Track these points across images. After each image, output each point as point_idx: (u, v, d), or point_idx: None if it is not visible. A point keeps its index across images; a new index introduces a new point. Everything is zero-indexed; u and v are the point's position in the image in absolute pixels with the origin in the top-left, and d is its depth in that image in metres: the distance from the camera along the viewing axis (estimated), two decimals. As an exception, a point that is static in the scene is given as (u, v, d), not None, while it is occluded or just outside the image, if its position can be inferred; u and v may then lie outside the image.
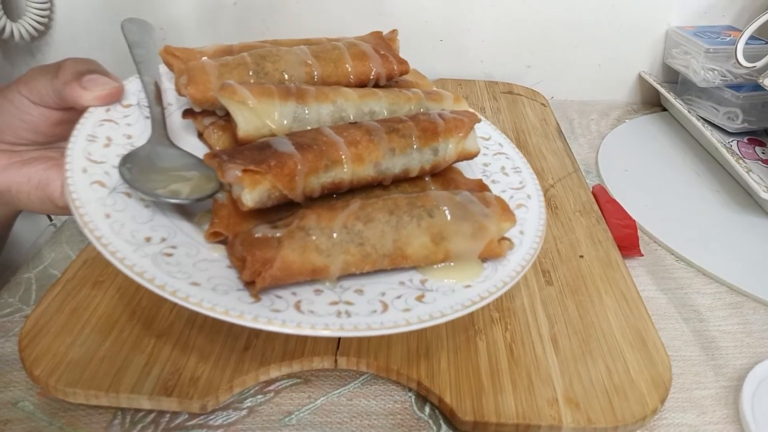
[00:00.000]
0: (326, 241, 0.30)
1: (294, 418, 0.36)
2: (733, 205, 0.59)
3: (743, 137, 0.68)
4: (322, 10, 0.78)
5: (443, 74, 0.82)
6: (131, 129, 0.38)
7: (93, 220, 0.30)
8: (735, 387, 0.40)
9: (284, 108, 0.36)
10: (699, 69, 0.70)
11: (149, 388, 0.35)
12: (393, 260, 0.32)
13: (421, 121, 0.37)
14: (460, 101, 0.43)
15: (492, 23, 0.79)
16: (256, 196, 0.31)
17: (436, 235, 0.32)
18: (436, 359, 0.38)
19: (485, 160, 0.44)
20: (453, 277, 0.33)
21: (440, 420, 0.36)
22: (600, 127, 0.74)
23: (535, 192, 0.41)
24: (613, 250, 0.49)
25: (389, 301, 0.31)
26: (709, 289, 0.49)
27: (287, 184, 0.32)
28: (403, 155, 0.36)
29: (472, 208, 0.33)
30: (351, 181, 0.35)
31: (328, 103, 0.38)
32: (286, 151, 0.32)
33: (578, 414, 0.35)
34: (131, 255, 0.29)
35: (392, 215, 0.32)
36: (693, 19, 0.78)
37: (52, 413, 0.36)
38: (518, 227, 0.37)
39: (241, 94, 0.35)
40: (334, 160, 0.33)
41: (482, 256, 0.34)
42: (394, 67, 0.43)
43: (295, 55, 0.41)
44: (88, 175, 0.33)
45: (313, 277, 0.31)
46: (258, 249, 0.29)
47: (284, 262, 0.29)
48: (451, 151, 0.38)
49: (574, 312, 0.43)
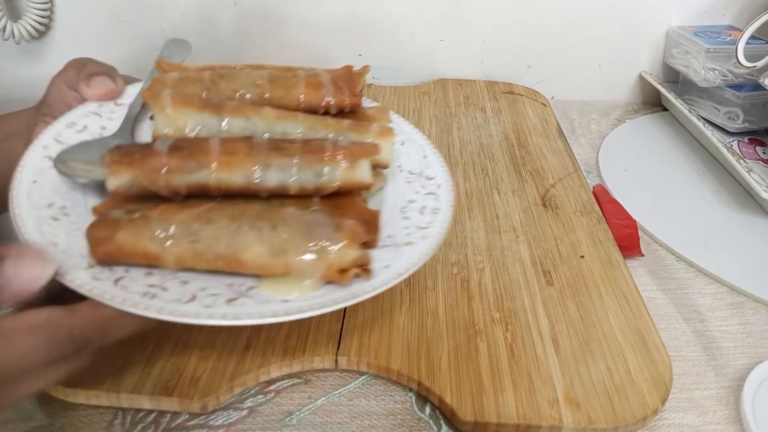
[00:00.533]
0: (161, 232, 0.33)
1: (294, 418, 0.36)
2: (734, 205, 0.59)
3: (744, 137, 0.68)
4: (322, 11, 0.78)
5: (443, 74, 0.82)
6: (110, 123, 0.44)
7: (17, 189, 0.37)
8: (736, 387, 0.40)
9: (198, 117, 0.40)
10: (699, 69, 0.70)
11: (150, 388, 0.35)
12: (228, 263, 0.34)
13: (311, 144, 0.39)
14: (385, 135, 0.43)
15: (492, 23, 0.79)
16: (117, 182, 0.36)
17: (275, 248, 0.34)
18: (437, 359, 0.38)
19: (413, 197, 0.43)
20: (281, 290, 0.34)
21: (441, 420, 0.36)
22: (600, 127, 0.74)
23: (436, 236, 0.39)
24: (613, 250, 0.49)
25: (200, 294, 0.33)
26: (709, 290, 0.49)
27: (148, 176, 0.36)
28: (280, 171, 0.38)
29: (317, 229, 0.34)
30: (218, 186, 0.37)
31: (242, 118, 0.41)
32: (158, 150, 0.36)
33: (579, 414, 0.35)
34: (26, 209, 0.35)
35: (234, 222, 0.34)
36: (693, 18, 0.78)
37: (52, 413, 0.36)
38: (386, 263, 0.36)
39: (162, 101, 0.40)
40: (201, 163, 0.37)
41: (325, 279, 0.34)
42: (345, 99, 0.45)
43: (250, 77, 0.44)
44: (45, 150, 0.40)
45: (147, 261, 0.34)
46: (98, 227, 0.34)
47: (117, 243, 0.33)
48: (337, 177, 0.38)
49: (575, 312, 0.43)
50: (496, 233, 0.51)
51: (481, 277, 0.46)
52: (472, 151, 0.63)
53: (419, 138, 0.48)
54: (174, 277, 0.34)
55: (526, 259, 0.48)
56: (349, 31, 0.80)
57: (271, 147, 0.38)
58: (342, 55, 0.81)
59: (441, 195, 0.42)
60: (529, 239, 0.50)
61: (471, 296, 0.44)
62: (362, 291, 0.34)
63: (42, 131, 0.41)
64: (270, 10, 0.78)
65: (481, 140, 0.66)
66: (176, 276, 0.34)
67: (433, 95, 0.76)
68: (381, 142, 0.42)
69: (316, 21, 0.79)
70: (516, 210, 0.54)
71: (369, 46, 0.81)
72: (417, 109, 0.72)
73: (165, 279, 0.34)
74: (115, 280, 0.33)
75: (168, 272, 0.34)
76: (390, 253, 0.37)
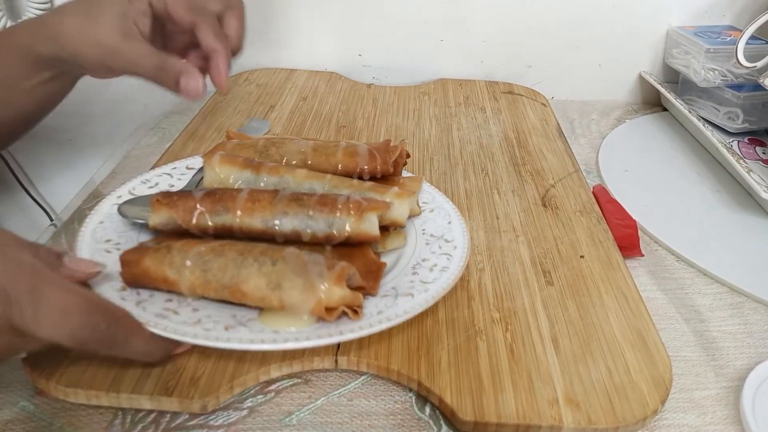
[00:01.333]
0: (179, 261, 0.38)
1: (294, 418, 0.36)
2: (733, 205, 0.59)
3: (744, 137, 0.68)
4: (322, 11, 0.78)
5: (444, 74, 0.82)
6: (178, 182, 0.51)
7: (86, 226, 0.44)
8: (736, 387, 0.40)
9: (239, 174, 0.47)
10: (699, 69, 0.70)
11: (150, 388, 0.35)
12: (232, 293, 0.37)
13: (326, 197, 0.43)
14: (402, 196, 0.45)
15: (492, 23, 0.79)
16: (157, 219, 0.42)
17: (272, 282, 0.36)
18: (437, 359, 0.38)
19: (428, 256, 0.44)
20: (275, 323, 0.37)
21: (441, 420, 0.36)
22: (600, 127, 0.74)
23: (436, 290, 0.40)
24: (613, 251, 0.49)
25: (204, 320, 0.37)
26: (709, 290, 0.49)
27: (182, 216, 0.42)
28: (296, 219, 0.42)
29: (311, 267, 0.37)
30: (240, 228, 0.42)
31: (276, 176, 0.46)
32: (194, 195, 0.42)
33: (579, 414, 0.35)
34: (87, 243, 0.42)
35: (240, 256, 0.38)
36: (693, 18, 0.78)
37: (52, 413, 0.36)
38: (380, 309, 0.38)
39: (212, 160, 0.47)
40: (228, 208, 0.42)
41: (315, 314, 0.36)
42: (377, 166, 0.49)
43: (297, 145, 0.50)
44: (118, 199, 0.47)
45: (167, 286, 0.38)
46: (129, 252, 0.39)
47: (143, 267, 0.38)
48: (346, 228, 0.42)
49: (575, 312, 0.43)
50: (496, 233, 0.51)
51: (481, 277, 0.46)
52: (472, 151, 0.63)
53: (448, 207, 0.50)
54: (188, 304, 0.38)
55: (525, 259, 0.48)
56: (349, 31, 0.80)
57: (291, 198, 0.42)
58: (342, 55, 0.81)
59: (454, 256, 0.44)
60: (529, 239, 0.50)
61: (471, 296, 0.44)
62: (348, 330, 0.36)
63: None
64: (270, 10, 0.78)
65: (481, 140, 0.66)
66: (190, 303, 0.38)
67: (433, 95, 0.76)
68: (397, 201, 0.45)
69: (317, 21, 0.79)
70: (516, 210, 0.54)
71: (369, 46, 0.81)
72: (417, 109, 0.72)
73: (180, 305, 0.38)
74: (138, 302, 0.37)
75: (184, 299, 0.38)
76: (388, 301, 0.39)
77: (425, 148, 0.64)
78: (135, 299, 0.38)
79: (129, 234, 0.44)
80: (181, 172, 0.52)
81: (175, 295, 0.38)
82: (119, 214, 0.45)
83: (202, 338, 0.35)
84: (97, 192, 0.57)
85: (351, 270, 0.38)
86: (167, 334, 0.35)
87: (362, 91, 0.76)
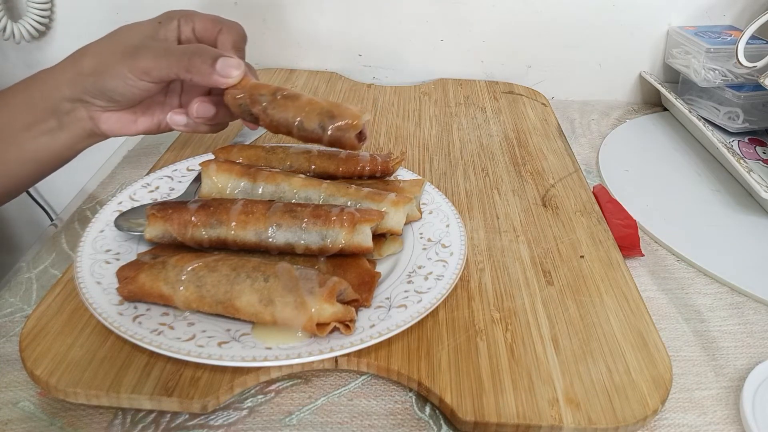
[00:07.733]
0: (174, 276, 0.38)
1: (294, 418, 0.36)
2: (734, 205, 0.59)
3: (744, 137, 0.68)
4: (322, 11, 0.78)
5: (444, 74, 0.82)
6: (179, 185, 0.51)
7: (87, 234, 0.45)
8: (736, 387, 0.40)
9: (235, 182, 0.47)
10: (700, 69, 0.70)
11: (150, 388, 0.35)
12: (226, 308, 0.37)
13: (320, 209, 0.43)
14: (398, 204, 0.45)
15: (492, 23, 0.79)
16: (153, 232, 0.43)
17: (264, 298, 0.37)
18: (437, 359, 0.38)
19: (424, 263, 0.44)
20: (268, 338, 0.37)
21: (441, 420, 0.36)
22: (601, 127, 0.74)
23: (429, 301, 0.40)
24: (613, 250, 0.49)
25: (199, 335, 0.37)
26: (710, 290, 0.49)
27: (177, 229, 0.42)
28: (289, 231, 0.42)
29: (302, 283, 0.37)
30: (234, 241, 0.42)
31: (272, 184, 0.47)
32: (189, 207, 0.42)
33: (579, 414, 0.35)
34: (87, 253, 0.43)
35: (233, 271, 0.38)
36: (694, 18, 0.78)
37: (52, 413, 0.36)
38: (373, 322, 0.39)
39: (209, 168, 0.48)
40: (222, 221, 0.42)
41: (306, 330, 0.37)
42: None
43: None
44: (119, 206, 0.48)
45: (162, 301, 0.38)
46: (125, 268, 0.40)
47: (139, 283, 0.38)
48: (339, 240, 0.42)
49: (575, 312, 0.43)
50: (496, 233, 0.51)
51: (481, 277, 0.46)
52: (472, 151, 0.63)
53: (447, 209, 0.50)
54: (183, 318, 0.38)
55: (526, 259, 0.48)
56: (349, 31, 0.80)
57: (284, 210, 0.43)
58: (342, 55, 0.81)
59: (450, 263, 0.44)
60: (529, 239, 0.50)
61: (471, 296, 0.44)
62: (338, 346, 0.36)
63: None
64: (270, 10, 0.78)
65: (481, 140, 0.66)
66: (185, 318, 0.38)
67: (433, 95, 0.76)
68: (392, 210, 0.45)
69: (317, 21, 0.79)
70: (516, 210, 0.54)
71: (369, 46, 0.81)
72: (417, 109, 0.72)
73: (176, 319, 0.38)
74: (134, 316, 0.38)
75: (180, 313, 0.39)
76: (382, 313, 0.39)
77: (425, 148, 0.64)
78: (132, 314, 0.38)
79: (127, 245, 0.44)
80: (181, 174, 0.53)
81: (172, 309, 0.39)
82: (116, 227, 0.45)
83: (194, 356, 0.35)
84: (97, 192, 0.57)
85: (343, 285, 0.38)
86: (162, 351, 0.35)
87: (362, 91, 0.76)
